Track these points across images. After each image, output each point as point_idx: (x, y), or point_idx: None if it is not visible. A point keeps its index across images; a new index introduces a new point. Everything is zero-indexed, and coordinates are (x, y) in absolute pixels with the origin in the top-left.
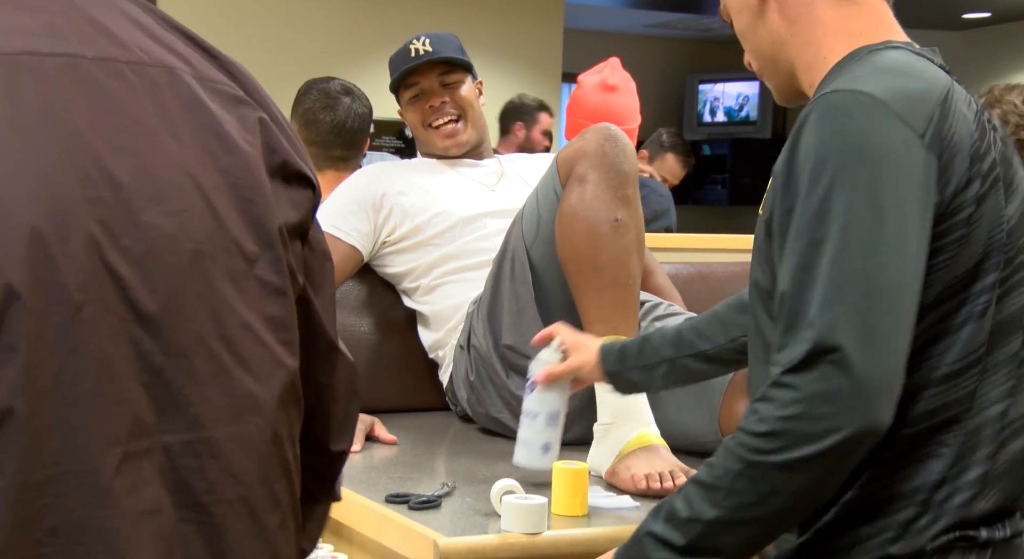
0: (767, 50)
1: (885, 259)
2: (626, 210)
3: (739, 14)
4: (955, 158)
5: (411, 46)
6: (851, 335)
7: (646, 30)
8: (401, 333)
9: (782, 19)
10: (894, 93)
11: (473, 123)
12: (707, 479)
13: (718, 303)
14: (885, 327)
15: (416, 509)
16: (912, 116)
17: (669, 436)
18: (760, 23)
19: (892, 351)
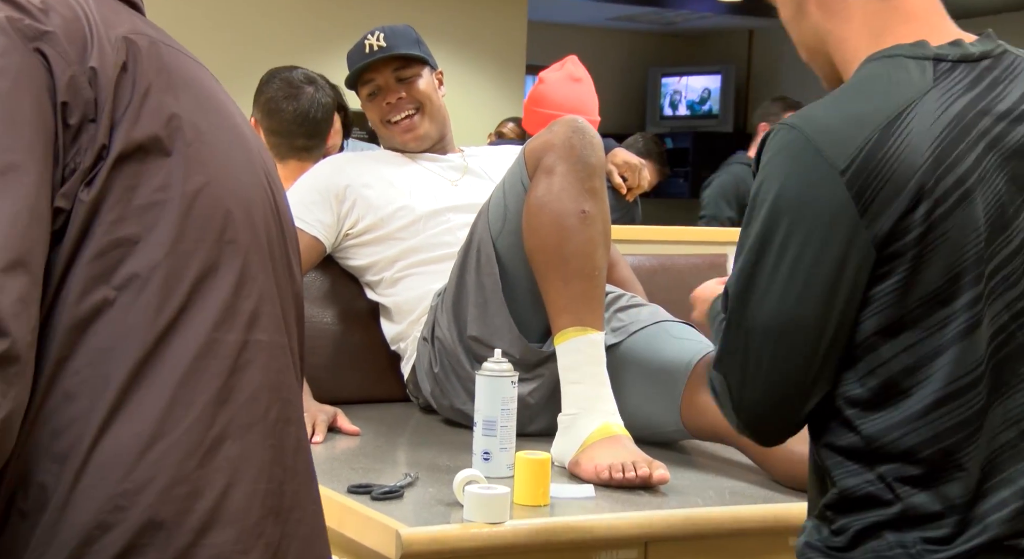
0: (810, 43)
1: (766, 304)
2: (593, 202)
3: (784, 5)
4: (890, 184)
5: (365, 42)
6: (730, 371)
7: (609, 23)
8: (363, 325)
9: (820, 13)
10: (828, 124)
11: (432, 116)
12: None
13: None
14: (760, 368)
15: (379, 500)
16: (836, 150)
17: (632, 426)
18: (801, 16)
19: (765, 390)
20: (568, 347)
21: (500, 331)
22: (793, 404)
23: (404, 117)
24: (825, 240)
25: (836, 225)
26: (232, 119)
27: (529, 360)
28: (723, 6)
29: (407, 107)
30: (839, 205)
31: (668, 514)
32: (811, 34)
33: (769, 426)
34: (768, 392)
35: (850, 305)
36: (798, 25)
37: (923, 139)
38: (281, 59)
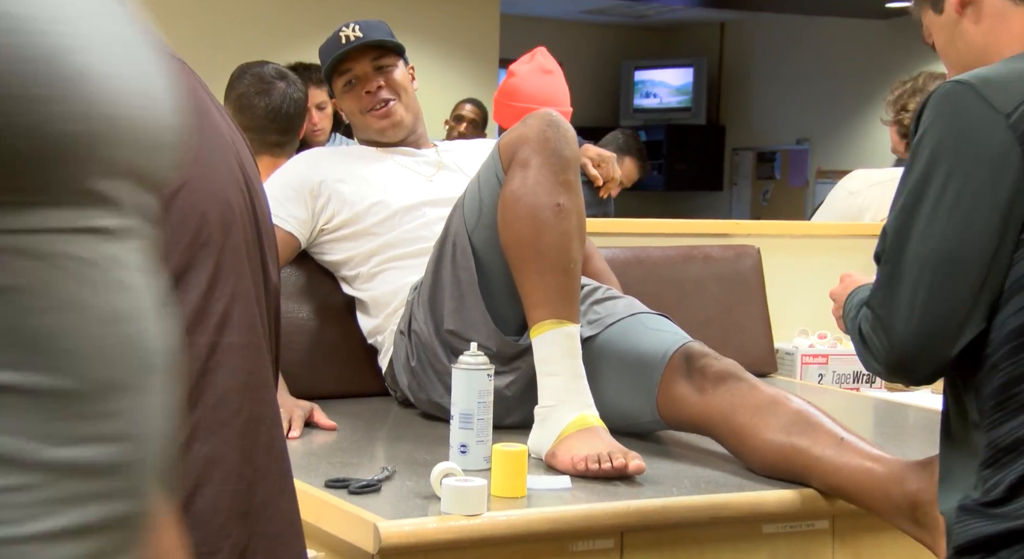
0: (969, 61)
1: (927, 239)
2: (568, 195)
3: (940, 31)
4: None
5: (341, 34)
6: (884, 306)
7: (582, 16)
8: (339, 319)
9: (978, 30)
10: (989, 78)
11: (408, 106)
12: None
13: None
14: (915, 301)
15: (356, 493)
16: (1001, 97)
17: (608, 418)
18: (959, 36)
19: (920, 324)
20: (544, 340)
21: (476, 324)
22: (946, 340)
23: (381, 105)
24: (988, 180)
25: (999, 166)
26: (210, 115)
27: (506, 353)
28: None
29: (385, 96)
30: (1004, 147)
31: (644, 504)
32: (968, 53)
33: (920, 362)
34: (923, 326)
35: (1008, 244)
36: (954, 48)
37: None
38: (252, 55)
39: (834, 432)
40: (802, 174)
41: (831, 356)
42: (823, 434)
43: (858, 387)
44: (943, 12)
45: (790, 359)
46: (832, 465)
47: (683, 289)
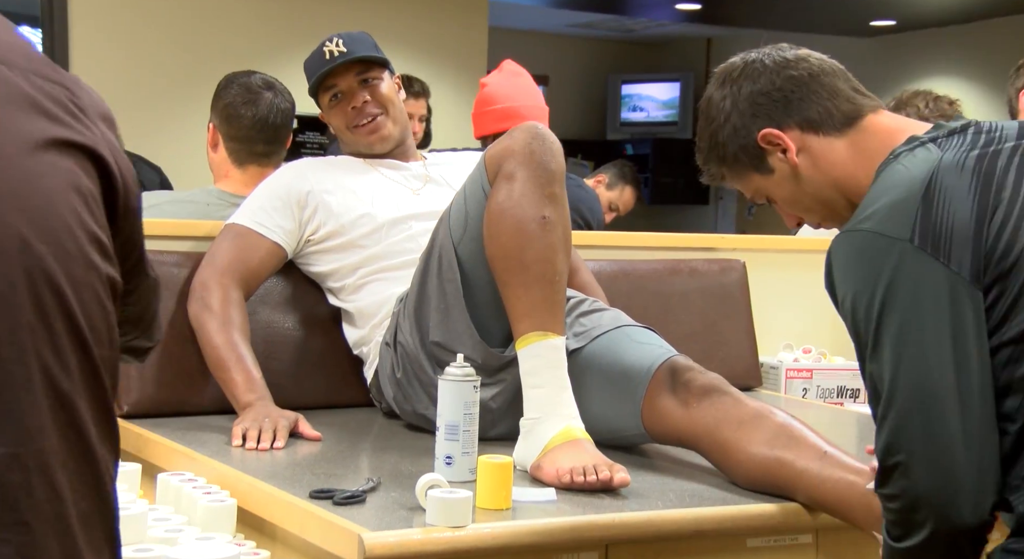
0: (824, 197)
1: (910, 378)
2: (553, 208)
3: (779, 187)
4: (957, 231)
5: (325, 49)
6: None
7: (569, 30)
8: (325, 330)
9: (818, 171)
10: (875, 216)
11: (395, 119)
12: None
13: None
14: (938, 438)
15: (341, 505)
16: (896, 228)
17: (593, 430)
18: (804, 183)
19: (953, 455)
20: (529, 352)
21: (462, 336)
22: (975, 467)
23: (367, 119)
24: (938, 302)
25: (933, 284)
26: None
27: (491, 365)
28: (681, 14)
29: (372, 111)
30: (924, 265)
31: (628, 517)
32: (819, 189)
33: (967, 495)
34: (959, 455)
35: (984, 343)
36: (802, 194)
37: (960, 187)
38: (236, 65)
39: (817, 446)
40: None
41: (815, 370)
42: (807, 448)
43: (842, 401)
44: (774, 171)
45: (775, 373)
46: (815, 479)
47: (669, 302)
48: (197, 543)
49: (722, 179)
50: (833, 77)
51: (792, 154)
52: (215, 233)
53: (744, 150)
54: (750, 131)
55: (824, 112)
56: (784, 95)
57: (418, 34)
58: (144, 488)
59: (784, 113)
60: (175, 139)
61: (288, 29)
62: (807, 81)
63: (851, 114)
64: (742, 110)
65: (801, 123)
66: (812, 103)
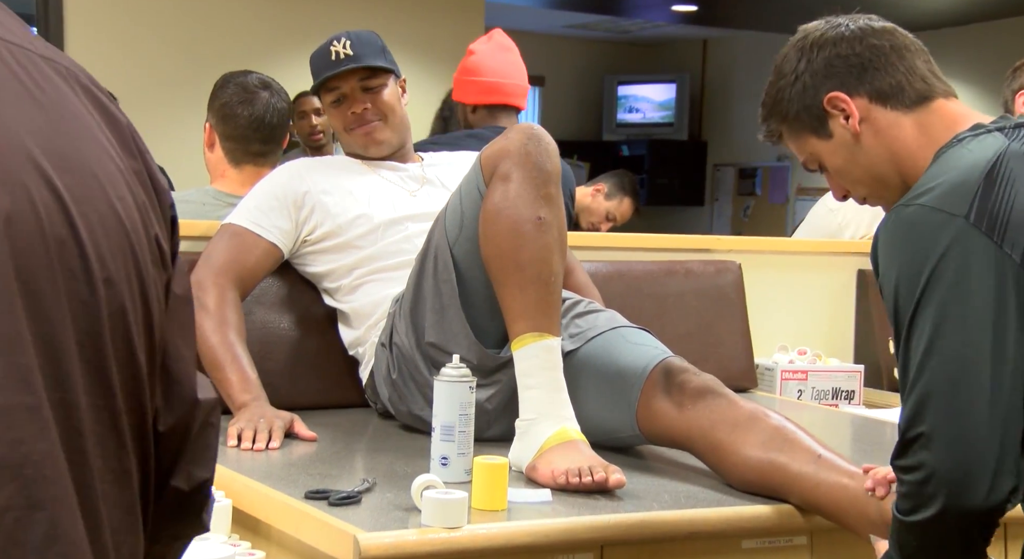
0: (875, 170)
1: (947, 356)
2: (549, 209)
3: (834, 155)
4: (1016, 214)
5: (332, 48)
6: (933, 422)
7: (565, 31)
8: (320, 330)
9: (879, 143)
10: (935, 192)
11: (394, 126)
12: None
13: None
14: (963, 416)
15: (336, 505)
16: (954, 204)
17: (588, 431)
18: (860, 154)
19: (976, 434)
20: (525, 353)
21: (457, 337)
22: (995, 448)
23: (367, 125)
24: (985, 284)
25: (987, 266)
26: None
27: (487, 366)
28: (677, 16)
29: (371, 117)
30: (981, 250)
31: (623, 518)
32: (875, 161)
33: (982, 476)
34: (983, 434)
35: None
36: (855, 165)
37: (1022, 172)
38: (231, 65)
39: (812, 449)
40: (783, 191)
41: (810, 372)
42: (801, 450)
43: (836, 403)
44: (833, 136)
45: (770, 375)
46: (810, 481)
47: (664, 303)
48: (192, 543)
49: (779, 138)
50: (914, 55)
51: (855, 121)
52: (211, 233)
53: (808, 110)
54: (818, 91)
55: (896, 86)
56: (861, 62)
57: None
58: None
59: (857, 80)
60: (171, 139)
61: (285, 29)
62: (887, 53)
63: (923, 93)
64: (815, 70)
65: (871, 93)
66: (887, 75)
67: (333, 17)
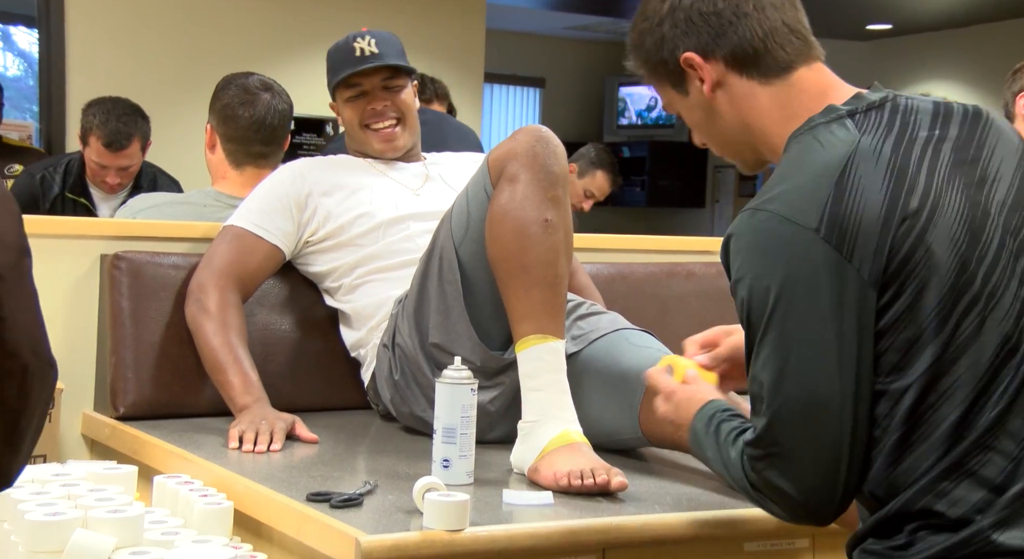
0: (729, 135)
1: (803, 376)
2: (555, 211)
3: (691, 111)
4: (864, 226)
5: (356, 45)
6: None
7: (566, 32)
8: (322, 331)
9: (731, 107)
10: (785, 197)
11: (411, 128)
12: (704, 438)
13: None
14: (814, 441)
15: (338, 507)
16: (803, 215)
17: (591, 434)
18: (715, 116)
19: (835, 463)
20: (529, 355)
21: (461, 338)
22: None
23: (387, 126)
24: (832, 298)
25: (833, 281)
26: None
27: (490, 367)
28: None
29: (391, 115)
30: (829, 264)
31: (626, 520)
32: (729, 128)
33: (829, 499)
34: (823, 459)
35: (870, 348)
36: (712, 124)
37: (874, 179)
38: (233, 67)
39: None
40: None
41: None
42: None
43: None
44: (688, 94)
45: None
46: None
47: (666, 305)
48: (194, 546)
49: (642, 77)
50: (779, 11)
51: (708, 86)
52: (213, 234)
53: (664, 65)
54: (676, 48)
55: (754, 54)
56: (720, 21)
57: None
58: (140, 490)
59: (713, 42)
60: (172, 140)
61: (286, 31)
62: (749, 12)
63: (783, 63)
64: (675, 22)
65: (727, 58)
66: (745, 39)
67: (335, 19)
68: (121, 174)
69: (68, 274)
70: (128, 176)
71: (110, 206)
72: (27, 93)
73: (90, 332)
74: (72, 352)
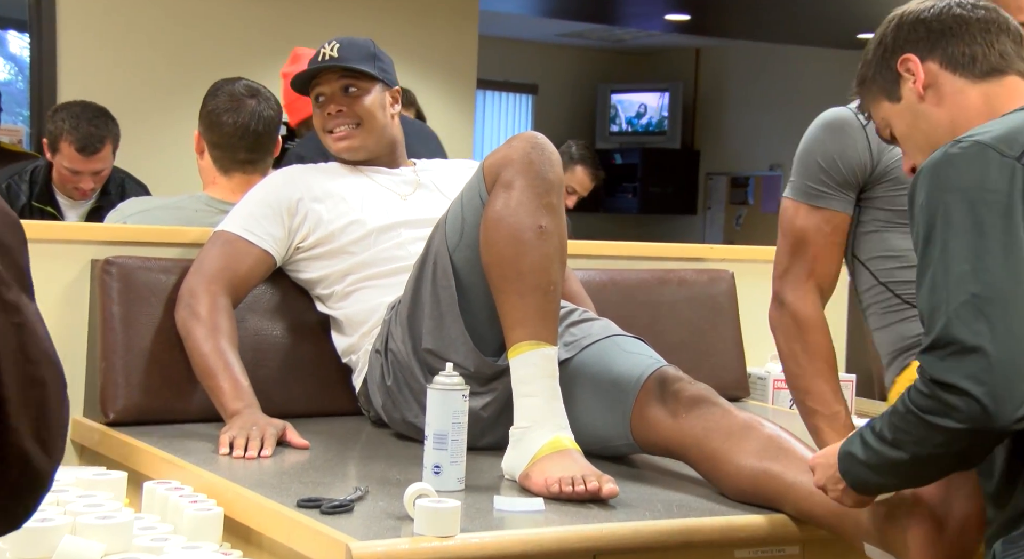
0: (932, 139)
1: (988, 272)
2: (550, 217)
3: (900, 118)
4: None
5: (322, 50)
6: (967, 330)
7: (559, 39)
8: (314, 337)
9: (941, 110)
10: (992, 133)
11: (372, 132)
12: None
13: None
14: (997, 334)
15: (328, 513)
16: (1007, 146)
17: (582, 440)
18: (922, 119)
19: (1012, 356)
20: (522, 361)
21: (455, 344)
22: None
23: (342, 130)
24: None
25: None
26: None
27: (483, 373)
28: (670, 25)
29: (347, 121)
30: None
31: (617, 527)
32: (932, 133)
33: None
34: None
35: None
36: (917, 131)
37: None
38: (227, 73)
39: (806, 458)
40: (775, 200)
41: None
42: (795, 460)
43: None
44: (901, 99)
45: (762, 384)
46: (804, 491)
47: (657, 312)
48: (183, 552)
49: (863, 107)
50: (1001, 32)
51: (919, 83)
52: (203, 240)
53: (882, 72)
54: (894, 54)
55: (970, 55)
56: (941, 28)
57: (408, 43)
58: (130, 496)
59: (931, 45)
60: (164, 145)
61: (277, 37)
62: (970, 23)
63: (997, 66)
64: (897, 35)
65: (943, 58)
66: (963, 44)
67: (326, 24)
68: (95, 178)
69: (58, 279)
70: (100, 180)
71: (77, 213)
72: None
73: (80, 337)
74: (62, 357)
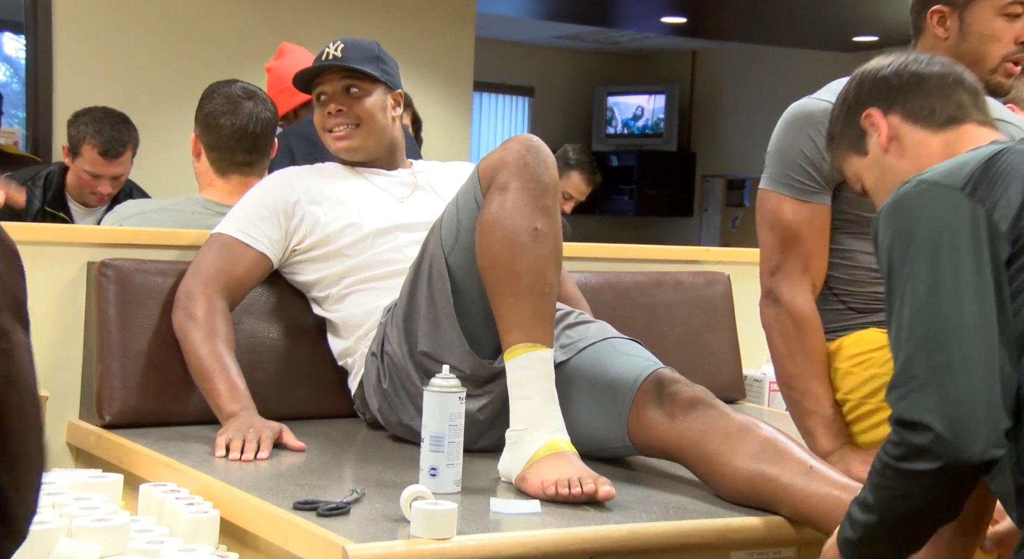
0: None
1: (941, 307)
2: (545, 220)
3: (869, 171)
4: (1010, 195)
5: (326, 49)
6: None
7: (555, 41)
8: (310, 340)
9: (904, 162)
10: (937, 170)
11: (371, 133)
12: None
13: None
14: (953, 366)
15: (325, 516)
16: (952, 178)
17: (579, 442)
18: (888, 171)
19: (968, 385)
20: (518, 363)
21: (451, 347)
22: (986, 399)
23: (340, 130)
24: (972, 245)
25: (976, 230)
26: None
27: (480, 376)
28: (667, 27)
29: (347, 121)
30: (972, 215)
31: (613, 529)
32: (903, 178)
33: (980, 426)
34: (976, 385)
35: (1006, 296)
36: (885, 181)
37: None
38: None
39: (803, 460)
40: None
41: None
42: (792, 462)
43: None
44: (868, 153)
45: (758, 386)
46: (801, 493)
47: (654, 314)
48: (179, 555)
49: (834, 165)
50: (956, 85)
51: (883, 137)
52: (200, 242)
53: (848, 128)
54: (858, 110)
55: (928, 108)
56: (900, 84)
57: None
58: (126, 499)
59: (891, 100)
60: (160, 148)
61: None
62: (927, 78)
63: (954, 116)
64: (860, 92)
65: (904, 112)
66: (922, 98)
67: (322, 27)
68: (113, 183)
69: (55, 281)
70: (118, 185)
71: (88, 221)
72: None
73: (76, 340)
74: (58, 360)
